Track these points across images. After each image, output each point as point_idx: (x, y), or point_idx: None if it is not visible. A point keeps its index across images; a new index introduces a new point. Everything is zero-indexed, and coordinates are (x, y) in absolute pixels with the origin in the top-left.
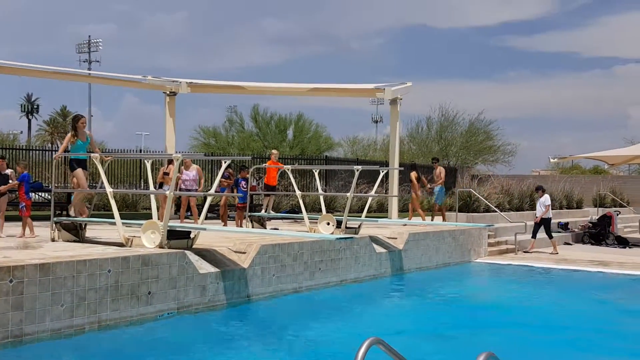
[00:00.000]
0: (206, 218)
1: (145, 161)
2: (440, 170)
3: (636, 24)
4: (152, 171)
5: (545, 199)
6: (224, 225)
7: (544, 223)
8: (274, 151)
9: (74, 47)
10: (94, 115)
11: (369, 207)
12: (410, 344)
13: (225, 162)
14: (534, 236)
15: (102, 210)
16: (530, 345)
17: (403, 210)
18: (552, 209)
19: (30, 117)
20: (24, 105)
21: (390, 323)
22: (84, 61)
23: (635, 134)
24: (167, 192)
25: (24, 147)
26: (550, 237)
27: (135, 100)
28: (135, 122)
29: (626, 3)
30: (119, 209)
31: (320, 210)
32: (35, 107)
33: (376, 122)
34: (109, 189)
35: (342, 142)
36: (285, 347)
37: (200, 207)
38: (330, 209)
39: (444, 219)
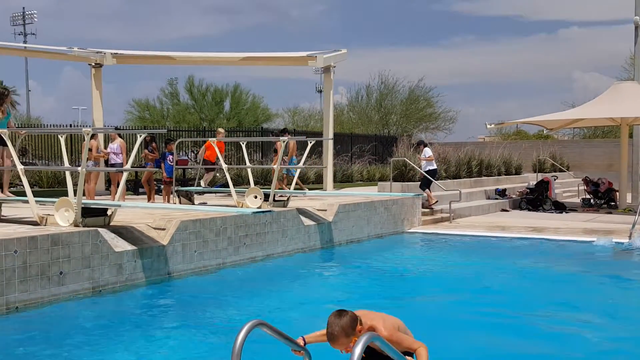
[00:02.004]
0: (138, 194)
1: (59, 136)
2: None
3: None
4: (66, 146)
5: (425, 151)
6: (149, 202)
7: (430, 174)
8: (221, 129)
9: (9, 20)
10: (32, 89)
11: (308, 179)
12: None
13: (140, 136)
14: (424, 187)
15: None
16: (455, 312)
17: (342, 181)
18: (490, 176)
19: None
20: None
21: (316, 296)
22: (19, 34)
23: (578, 98)
24: (79, 169)
25: None
26: (425, 188)
27: (75, 73)
28: (76, 97)
29: None
30: (52, 187)
31: (257, 184)
32: None
33: (320, 91)
34: (19, 166)
35: (282, 112)
36: (206, 324)
37: (129, 182)
38: (268, 181)
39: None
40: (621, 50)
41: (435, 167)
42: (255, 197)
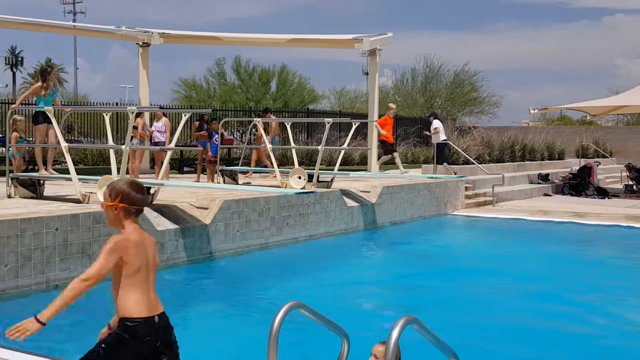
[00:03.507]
0: (183, 173)
1: (104, 114)
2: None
3: None
4: (110, 124)
5: (433, 122)
6: (195, 181)
7: (439, 147)
8: (392, 105)
9: None
10: (81, 68)
11: (353, 161)
12: (378, 296)
13: (185, 116)
14: (439, 162)
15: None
16: (493, 295)
17: (387, 163)
18: (533, 161)
19: (14, 70)
20: (8, 57)
21: (358, 277)
22: (69, 12)
23: (622, 84)
24: (124, 147)
25: (7, 101)
26: (441, 162)
27: (123, 52)
28: (123, 75)
29: None
30: (96, 164)
31: (302, 164)
32: (19, 59)
33: (367, 74)
34: (63, 144)
35: (329, 94)
36: (246, 304)
37: (173, 161)
38: (313, 162)
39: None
40: None
41: (444, 137)
42: (299, 177)
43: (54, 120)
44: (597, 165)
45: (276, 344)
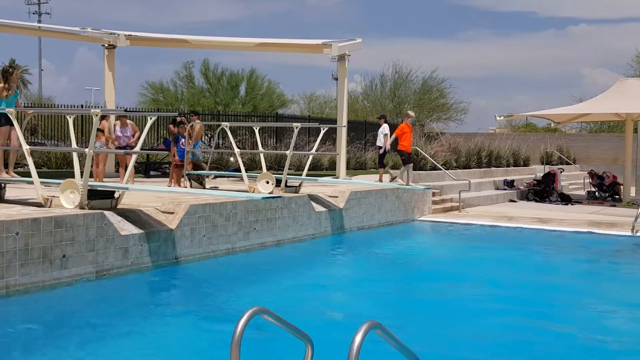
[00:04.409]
0: (149, 176)
1: (68, 116)
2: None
3: None
4: (74, 127)
5: (383, 127)
6: (168, 185)
7: (381, 153)
8: (411, 112)
9: None
10: (46, 69)
11: (322, 166)
12: (343, 301)
13: (150, 119)
14: (381, 166)
15: (64, 168)
16: (462, 301)
17: (355, 168)
18: (499, 167)
19: None
20: None
21: (325, 282)
22: (34, 13)
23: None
24: (87, 150)
25: None
26: (382, 167)
27: (90, 54)
28: (89, 77)
29: None
30: (60, 168)
31: (271, 169)
32: None
33: (336, 79)
34: (25, 146)
35: (298, 98)
36: (210, 310)
37: (140, 165)
38: (282, 166)
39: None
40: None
41: (389, 147)
42: (267, 182)
43: (15, 123)
44: (561, 172)
45: (239, 350)
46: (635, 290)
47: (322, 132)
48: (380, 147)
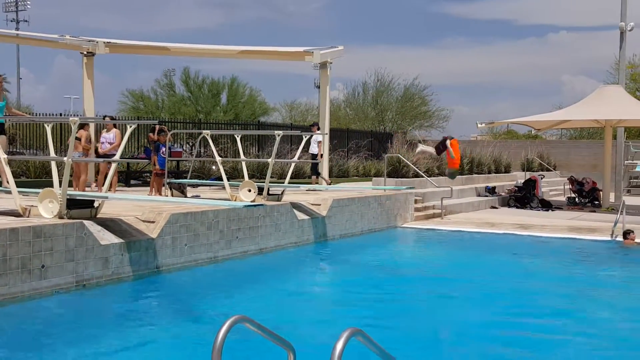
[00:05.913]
0: (130, 185)
1: (45, 125)
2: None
3: None
4: (53, 136)
5: (317, 135)
6: (149, 194)
7: (315, 158)
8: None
9: (1, 6)
10: (24, 77)
11: (304, 174)
12: (325, 309)
13: (130, 127)
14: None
15: (43, 177)
16: (445, 307)
17: (338, 176)
18: (481, 174)
19: None
20: None
21: (307, 290)
22: (12, 20)
23: (567, 100)
24: (65, 159)
25: None
26: (316, 174)
27: (69, 62)
28: (68, 85)
29: None
30: (39, 177)
31: (254, 177)
32: None
33: (318, 87)
34: (2, 155)
35: (280, 106)
36: (192, 320)
37: (120, 173)
38: (264, 175)
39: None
40: (607, 55)
41: (321, 153)
42: (249, 190)
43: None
44: (542, 179)
45: (220, 359)
46: (616, 294)
47: (304, 140)
48: (314, 155)
